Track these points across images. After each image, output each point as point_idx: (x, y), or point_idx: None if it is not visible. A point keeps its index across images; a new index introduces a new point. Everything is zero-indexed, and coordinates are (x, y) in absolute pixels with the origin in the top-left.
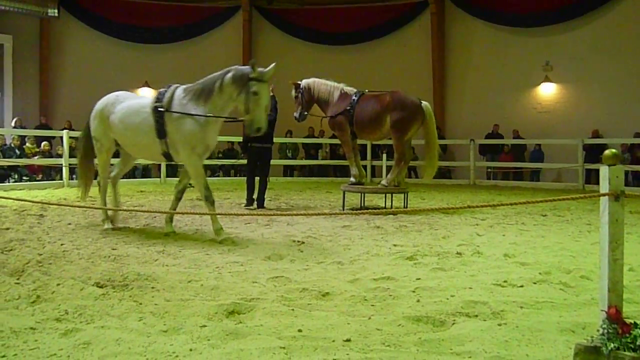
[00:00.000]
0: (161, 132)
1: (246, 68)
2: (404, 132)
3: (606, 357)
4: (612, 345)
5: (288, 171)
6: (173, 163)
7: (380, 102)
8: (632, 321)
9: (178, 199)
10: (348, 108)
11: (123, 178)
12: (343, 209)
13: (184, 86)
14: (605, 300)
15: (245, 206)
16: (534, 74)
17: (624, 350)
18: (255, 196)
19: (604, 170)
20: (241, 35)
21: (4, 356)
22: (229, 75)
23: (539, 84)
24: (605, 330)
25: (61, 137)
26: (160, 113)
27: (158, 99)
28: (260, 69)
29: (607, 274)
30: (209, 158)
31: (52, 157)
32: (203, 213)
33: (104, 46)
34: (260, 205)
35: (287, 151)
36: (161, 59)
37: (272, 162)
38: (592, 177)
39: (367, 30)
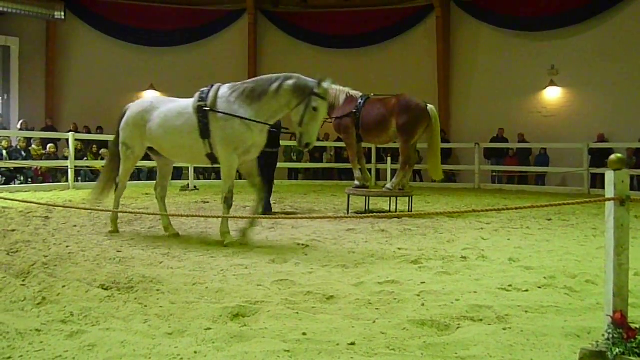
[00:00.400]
0: (205, 132)
1: (311, 80)
2: (410, 135)
3: None
4: (617, 350)
5: (293, 174)
6: (217, 166)
7: (386, 105)
8: (638, 326)
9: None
10: (354, 111)
11: (129, 180)
12: (348, 213)
13: (229, 84)
14: (610, 305)
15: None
16: (539, 77)
17: (630, 355)
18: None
19: (609, 175)
20: (246, 38)
21: (9, 357)
22: (290, 82)
23: (544, 87)
24: (611, 335)
25: (67, 140)
26: (204, 112)
27: (201, 98)
28: (324, 85)
29: (613, 279)
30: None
31: (58, 159)
32: (208, 216)
33: (110, 49)
34: (267, 208)
35: (292, 154)
36: (167, 62)
37: (277, 164)
38: (597, 182)
39: (372, 34)
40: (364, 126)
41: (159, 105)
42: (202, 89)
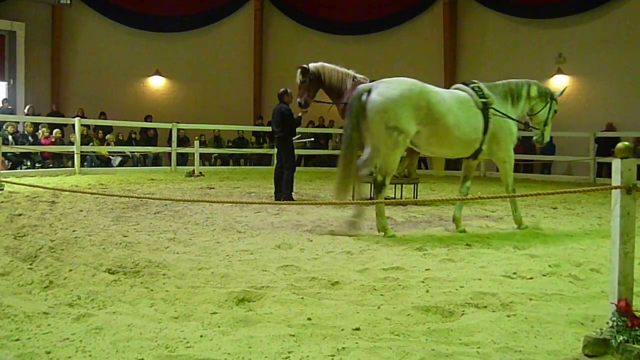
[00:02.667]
0: (485, 129)
1: (545, 86)
2: None
3: (615, 349)
4: (621, 337)
5: (298, 161)
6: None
7: None
8: None
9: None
10: None
11: (135, 166)
12: (352, 199)
13: (482, 84)
14: (615, 293)
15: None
16: (546, 65)
17: (633, 343)
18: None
19: (616, 163)
20: (252, 24)
21: (17, 339)
22: (536, 88)
23: (551, 76)
24: (615, 323)
25: (73, 125)
26: (487, 109)
27: (481, 95)
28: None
29: (618, 267)
30: (220, 147)
31: (64, 144)
32: (214, 201)
33: (115, 34)
34: (289, 196)
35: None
36: (173, 48)
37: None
38: (603, 170)
39: (379, 20)
40: None
41: (429, 88)
42: (471, 85)
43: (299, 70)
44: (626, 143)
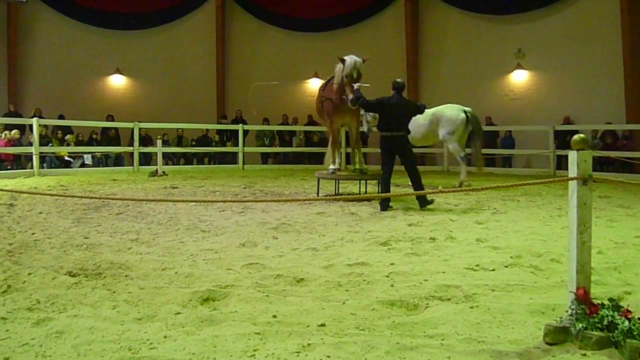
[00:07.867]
0: None
1: None
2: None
3: (575, 336)
4: (580, 325)
5: (263, 158)
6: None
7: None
8: (600, 302)
9: None
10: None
11: (97, 166)
12: (317, 196)
13: None
14: (573, 282)
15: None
16: (506, 61)
17: (592, 330)
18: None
19: (572, 155)
20: (214, 21)
21: None
22: None
23: (511, 71)
24: (574, 311)
25: (31, 125)
26: None
27: None
28: None
29: (576, 257)
30: (182, 145)
31: (22, 145)
32: (177, 200)
33: (73, 32)
34: (424, 203)
35: (265, 139)
36: (133, 45)
37: (248, 149)
38: (562, 163)
39: (341, 17)
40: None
41: None
42: None
43: (361, 61)
44: (582, 135)
